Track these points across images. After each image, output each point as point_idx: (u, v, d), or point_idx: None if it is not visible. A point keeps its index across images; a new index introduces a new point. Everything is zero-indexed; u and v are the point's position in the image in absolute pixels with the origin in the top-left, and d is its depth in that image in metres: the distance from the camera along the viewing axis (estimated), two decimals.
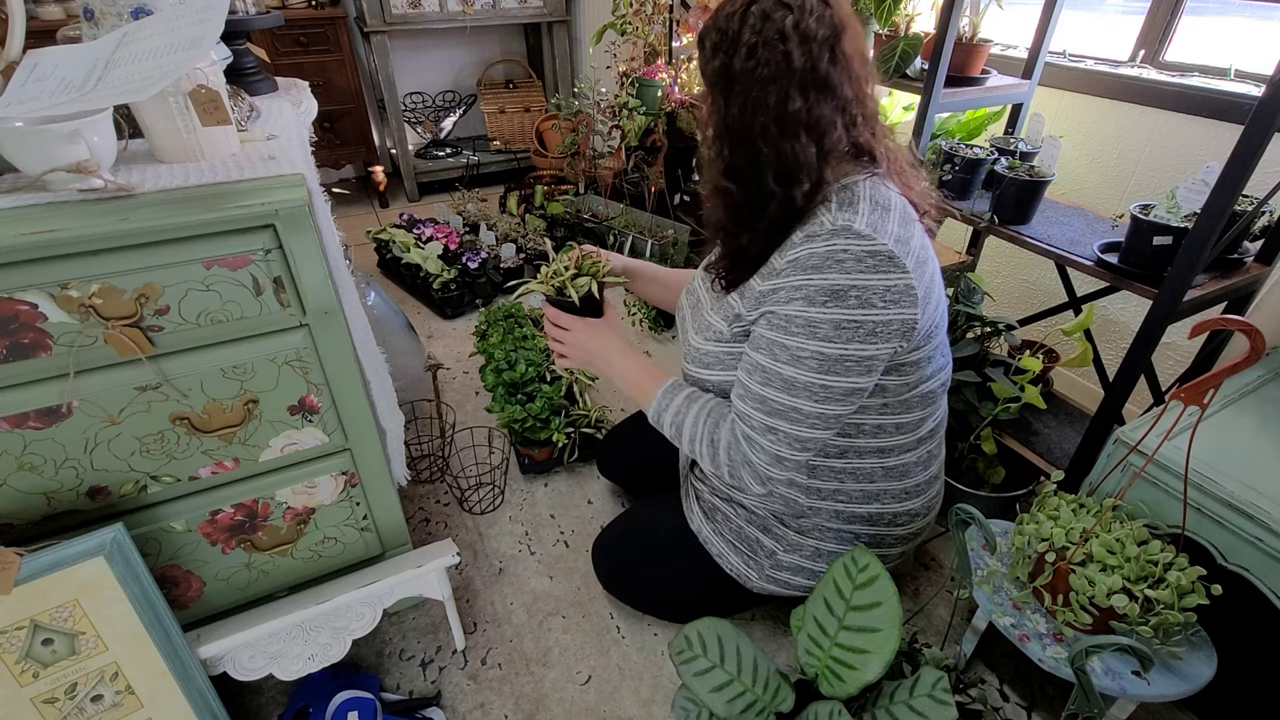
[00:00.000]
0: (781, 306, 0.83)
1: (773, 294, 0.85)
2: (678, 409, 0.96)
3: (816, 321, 0.80)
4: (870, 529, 1.03)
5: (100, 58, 0.74)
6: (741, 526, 1.07)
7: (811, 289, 0.80)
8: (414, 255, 2.28)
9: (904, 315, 0.81)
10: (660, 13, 2.51)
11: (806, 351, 0.81)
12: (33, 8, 2.24)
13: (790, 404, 0.84)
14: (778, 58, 0.76)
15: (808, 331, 0.81)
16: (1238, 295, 1.19)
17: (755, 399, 0.87)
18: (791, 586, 1.07)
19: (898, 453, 0.97)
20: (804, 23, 0.76)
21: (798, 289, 0.81)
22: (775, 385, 0.84)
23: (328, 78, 2.82)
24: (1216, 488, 0.92)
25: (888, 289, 0.79)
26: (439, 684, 1.16)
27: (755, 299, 0.88)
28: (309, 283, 0.82)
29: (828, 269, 0.79)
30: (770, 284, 0.85)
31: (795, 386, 0.83)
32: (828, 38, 0.77)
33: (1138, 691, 0.90)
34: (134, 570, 0.82)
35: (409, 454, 1.46)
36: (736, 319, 0.91)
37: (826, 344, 0.80)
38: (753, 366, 0.87)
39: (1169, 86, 1.43)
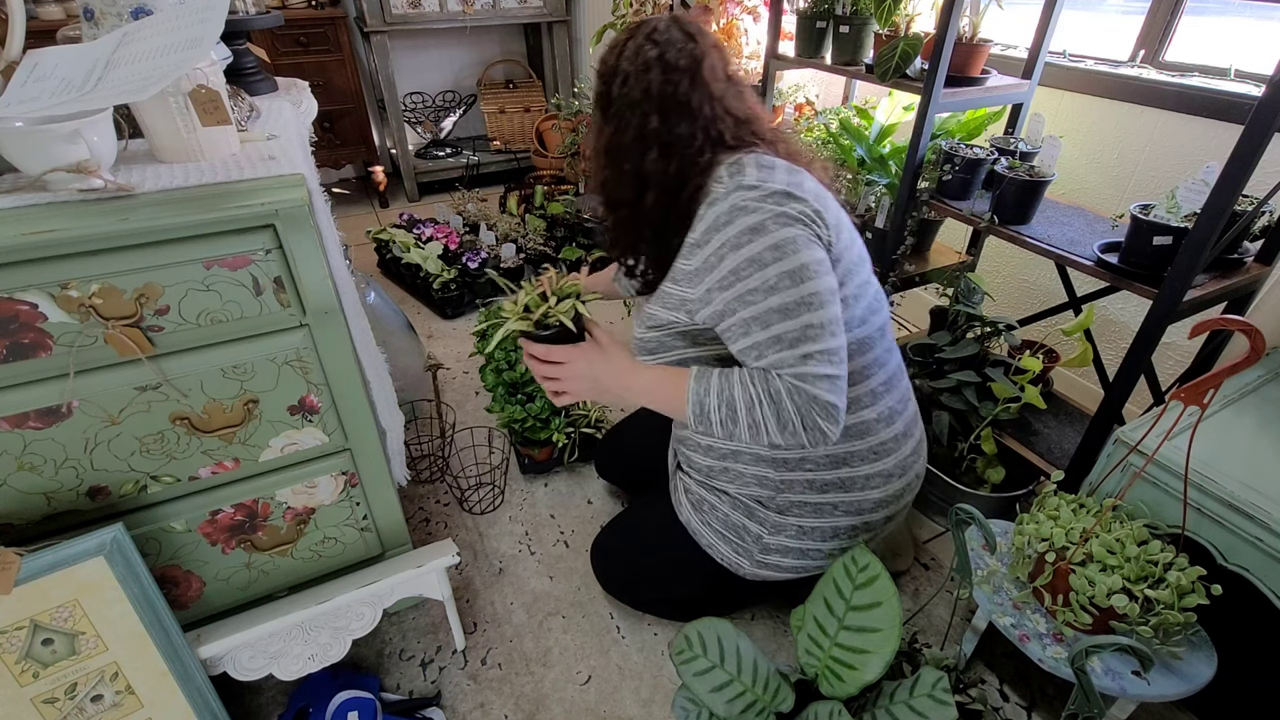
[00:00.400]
0: (718, 268, 0.89)
1: (703, 266, 0.91)
2: (719, 388, 0.90)
3: (756, 256, 0.86)
4: (846, 496, 1.03)
5: (100, 58, 0.74)
6: (727, 514, 1.08)
7: (731, 238, 0.87)
8: (414, 255, 2.28)
9: (819, 232, 0.88)
10: (660, 13, 2.51)
11: (772, 278, 0.85)
12: (33, 8, 2.24)
13: (801, 324, 0.85)
14: (643, 84, 0.90)
15: (757, 266, 0.86)
16: (1238, 295, 1.19)
17: (771, 343, 0.86)
18: (783, 569, 1.08)
19: (854, 409, 0.98)
20: (666, 54, 0.90)
21: (721, 245, 0.88)
22: (776, 320, 0.85)
23: (328, 78, 2.82)
24: (1216, 488, 0.92)
25: (798, 212, 0.87)
26: (439, 684, 1.16)
27: (688, 277, 0.94)
28: (309, 283, 0.82)
29: (736, 218, 0.87)
30: (696, 259, 0.92)
31: (790, 309, 0.85)
32: (688, 67, 0.90)
33: (1138, 691, 0.90)
34: (134, 570, 0.82)
35: (409, 454, 1.47)
36: (682, 302, 0.95)
37: (780, 263, 0.85)
38: (746, 322, 0.88)
39: (1169, 86, 1.43)
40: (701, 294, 0.92)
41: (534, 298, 0.99)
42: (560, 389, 1.01)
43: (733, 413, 0.88)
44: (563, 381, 1.00)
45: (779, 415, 0.86)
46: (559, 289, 1.00)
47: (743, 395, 0.88)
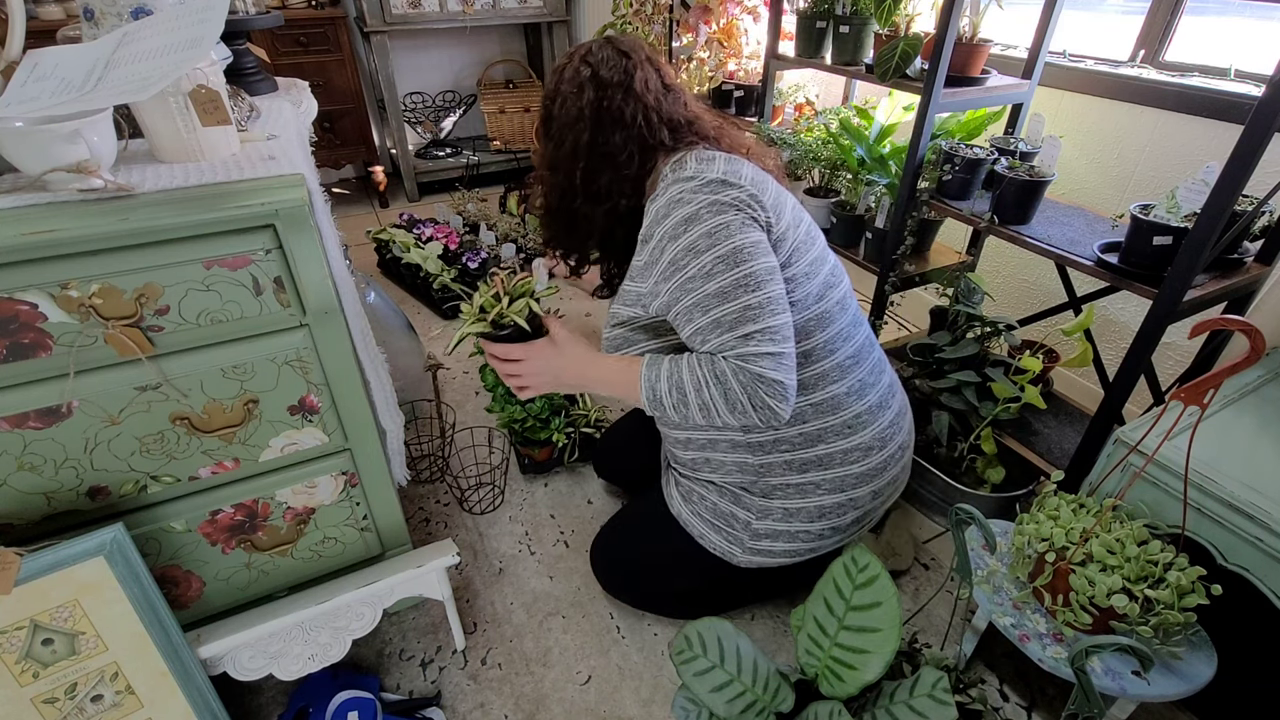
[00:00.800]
0: (661, 260, 0.93)
1: (650, 260, 0.95)
2: (669, 373, 0.93)
3: (692, 245, 0.89)
4: (826, 474, 1.03)
5: (100, 58, 0.74)
6: (715, 503, 1.09)
7: (669, 230, 0.91)
8: (414, 255, 2.28)
9: (755, 215, 0.91)
10: (660, 13, 2.52)
11: (708, 264, 0.88)
12: (33, 8, 2.24)
13: (740, 306, 0.87)
14: (579, 101, 0.97)
15: (693, 254, 0.89)
16: (1238, 295, 1.19)
17: (712, 327, 0.89)
18: (775, 554, 1.08)
19: (822, 385, 0.99)
20: (601, 72, 0.97)
21: (661, 239, 0.93)
22: (715, 304, 0.88)
23: (328, 78, 2.82)
24: (1216, 488, 0.92)
25: (732, 199, 0.90)
26: (439, 684, 1.16)
27: (640, 272, 0.98)
28: (309, 283, 0.82)
29: (674, 210, 0.91)
30: (644, 254, 0.97)
31: (727, 292, 0.87)
32: (620, 81, 0.97)
33: (1138, 691, 0.90)
34: (134, 570, 0.82)
35: (409, 454, 1.47)
36: (638, 297, 0.99)
37: (715, 249, 0.88)
38: (688, 310, 0.91)
39: (1169, 86, 1.43)
40: (650, 286, 0.96)
41: (488, 299, 1.02)
42: (522, 384, 1.04)
43: (683, 396, 0.91)
44: (523, 378, 1.04)
45: (726, 395, 0.88)
46: (512, 289, 1.04)
47: (690, 378, 0.90)
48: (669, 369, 0.93)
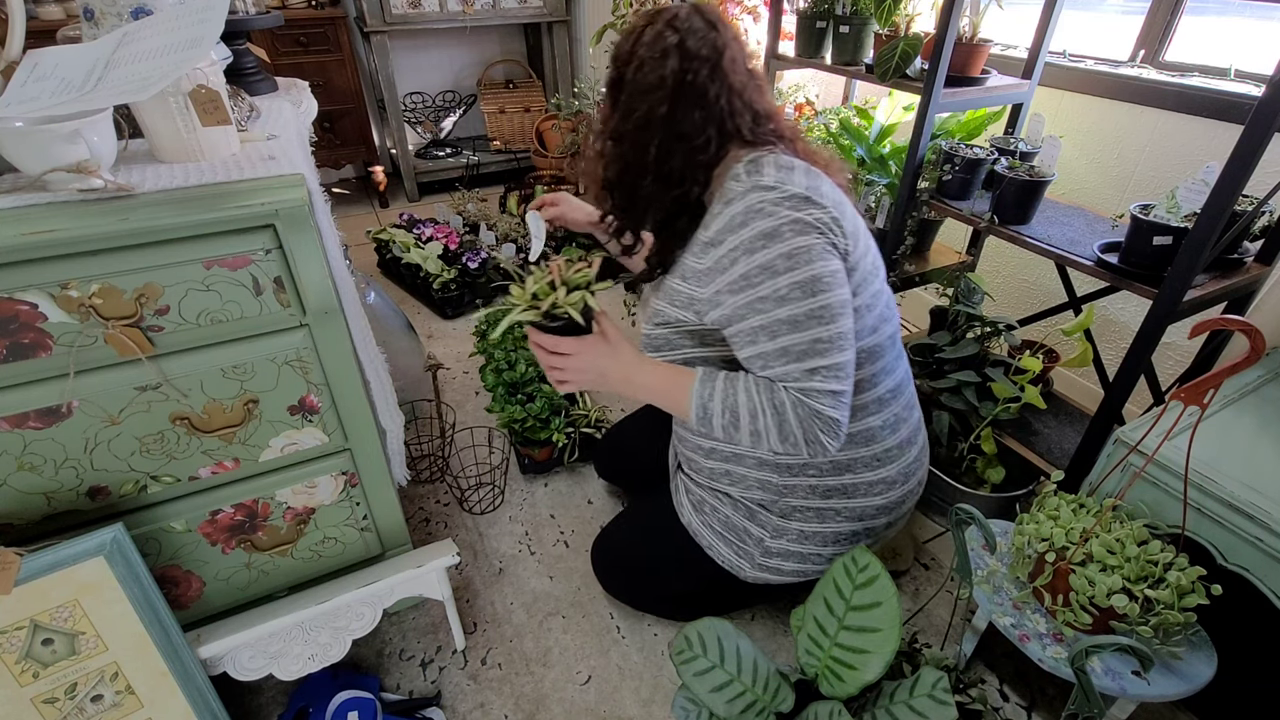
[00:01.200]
0: (730, 271, 0.87)
1: (715, 267, 0.90)
2: (724, 392, 0.89)
3: (769, 264, 0.84)
4: (848, 502, 1.03)
5: (100, 58, 0.74)
6: (729, 516, 1.08)
7: (744, 242, 0.86)
8: (414, 255, 2.28)
9: (835, 241, 0.86)
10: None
11: (784, 288, 0.84)
12: (33, 8, 2.24)
13: (809, 338, 0.84)
14: (660, 69, 0.87)
15: (769, 273, 0.84)
16: (1238, 295, 1.19)
17: (777, 355, 0.86)
18: (784, 573, 1.07)
19: (860, 416, 0.98)
20: (686, 42, 0.87)
21: (734, 249, 0.87)
22: (784, 331, 0.84)
23: (328, 78, 2.82)
24: (1216, 488, 0.92)
25: (815, 219, 0.85)
26: (439, 684, 1.16)
27: (699, 276, 0.93)
28: (309, 283, 0.82)
29: (752, 220, 0.85)
30: (708, 259, 0.91)
31: (799, 321, 0.84)
32: (708, 56, 0.88)
33: (1138, 691, 0.90)
34: (134, 570, 0.82)
35: (409, 454, 1.46)
36: (690, 301, 0.94)
37: (793, 273, 0.83)
38: (753, 330, 0.87)
39: (1169, 86, 1.43)
40: (711, 295, 0.91)
41: (543, 286, 0.94)
42: (564, 379, 0.98)
43: (735, 419, 0.88)
44: (567, 372, 0.96)
45: (781, 427, 0.86)
46: (569, 278, 0.95)
47: (746, 403, 0.87)
48: (724, 389, 0.89)
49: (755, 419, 0.87)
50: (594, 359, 0.95)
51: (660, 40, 0.88)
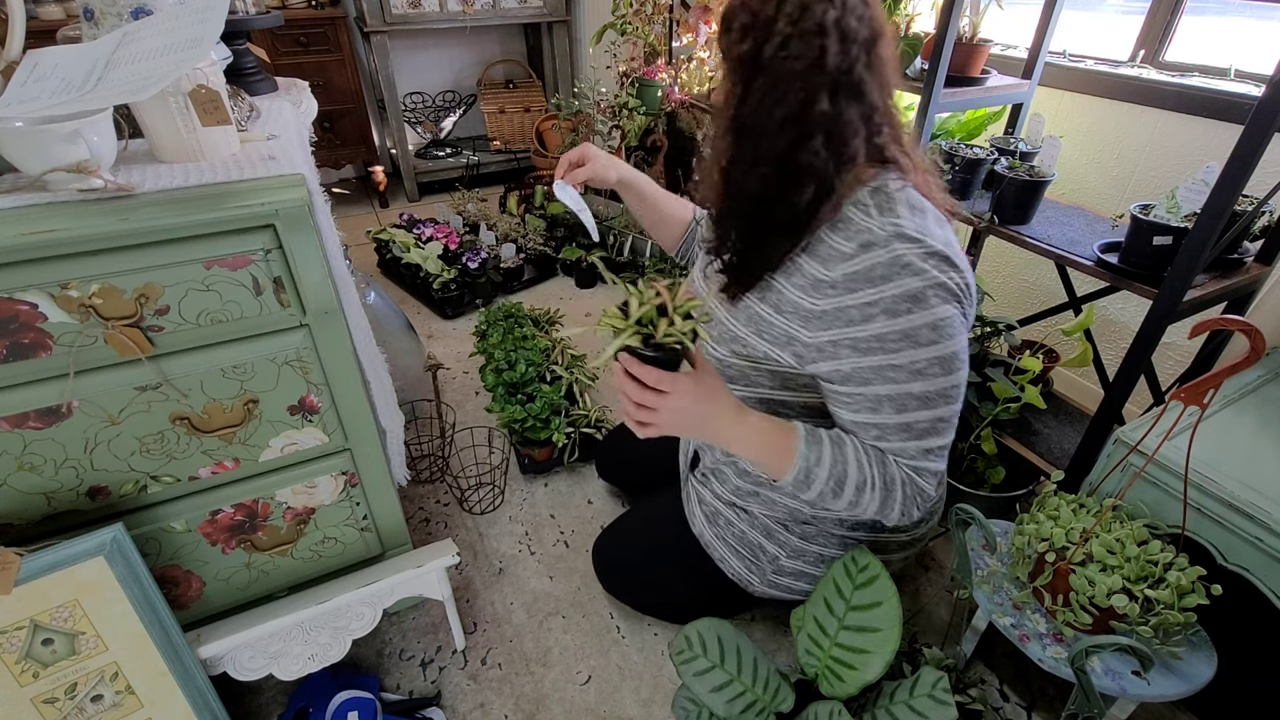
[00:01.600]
0: (860, 327, 0.78)
1: (839, 314, 0.79)
2: (832, 460, 0.81)
3: (912, 332, 0.76)
4: (873, 535, 1.03)
5: (100, 58, 0.74)
6: (744, 531, 1.06)
7: (888, 301, 0.76)
8: (414, 255, 2.28)
9: (968, 311, 0.80)
10: (660, 13, 2.52)
11: (922, 362, 0.76)
12: (33, 8, 2.24)
13: (933, 417, 0.79)
14: (813, 52, 0.71)
15: (910, 343, 0.76)
16: (1238, 295, 1.19)
17: (898, 429, 0.80)
18: (794, 591, 1.07)
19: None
20: (845, 20, 0.71)
21: (872, 304, 0.76)
22: (913, 407, 0.78)
23: (328, 78, 2.82)
24: (1216, 488, 0.92)
25: (956, 285, 0.77)
26: (439, 684, 1.16)
27: (808, 317, 0.82)
28: (309, 283, 0.82)
29: (897, 276, 0.75)
30: (826, 302, 0.80)
31: (931, 399, 0.78)
32: (867, 39, 0.73)
33: (1138, 691, 0.90)
34: (134, 570, 0.82)
35: (409, 454, 1.46)
36: (789, 340, 0.84)
37: (935, 347, 0.76)
38: (877, 399, 0.79)
39: (1169, 86, 1.43)
40: (822, 343, 0.81)
41: (650, 310, 0.77)
42: (654, 420, 0.79)
43: (838, 489, 0.81)
44: (659, 414, 0.78)
45: (885, 501, 0.82)
46: (680, 305, 0.77)
47: (856, 476, 0.80)
48: (833, 456, 0.80)
49: (861, 492, 0.81)
50: (694, 402, 0.78)
51: (810, 12, 0.71)
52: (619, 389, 0.79)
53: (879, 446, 0.82)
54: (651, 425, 0.80)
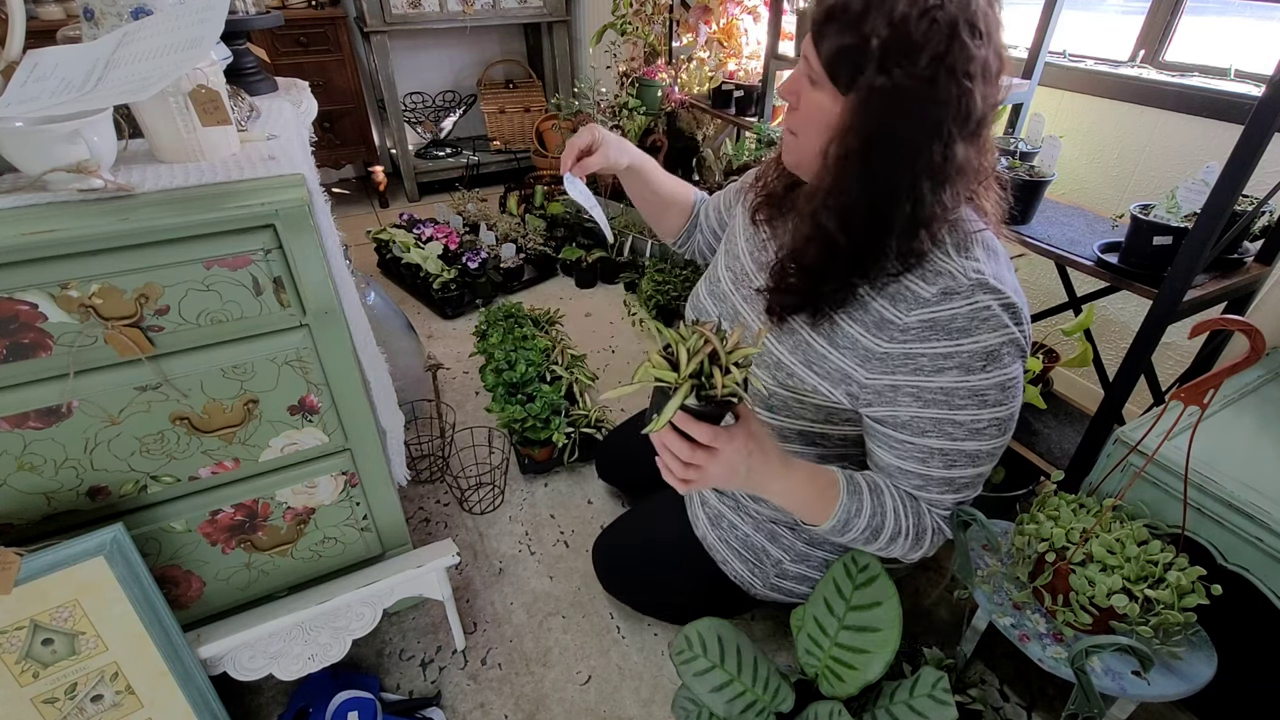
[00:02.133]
0: (930, 379, 0.74)
1: (906, 360, 0.75)
2: (871, 511, 0.80)
3: (981, 389, 0.73)
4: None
5: (100, 58, 0.74)
6: (748, 534, 1.06)
7: (964, 355, 0.72)
8: (414, 255, 2.28)
9: (1027, 364, 0.81)
10: (660, 13, 2.52)
11: (983, 422, 0.75)
12: (33, 8, 2.24)
13: (977, 474, 0.80)
14: (956, 90, 0.65)
15: (977, 402, 0.74)
16: (1238, 295, 1.19)
17: (942, 483, 0.80)
18: (796, 595, 1.06)
19: None
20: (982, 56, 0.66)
21: (947, 357, 0.73)
22: (961, 464, 0.78)
23: (328, 78, 2.82)
24: (1216, 488, 0.92)
25: (1023, 342, 0.75)
26: (439, 684, 1.16)
27: (868, 358, 0.78)
28: (309, 283, 0.82)
29: (976, 330, 0.72)
30: (898, 347, 0.75)
31: (980, 458, 0.78)
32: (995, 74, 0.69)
33: (1138, 691, 0.90)
34: (134, 570, 0.82)
35: (409, 454, 1.47)
36: (845, 378, 0.80)
37: (998, 408, 0.75)
38: (928, 451, 0.78)
39: (1169, 86, 1.43)
40: (882, 386, 0.77)
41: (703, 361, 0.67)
42: (697, 478, 0.72)
43: (873, 536, 0.81)
44: (707, 471, 0.71)
45: (913, 547, 0.83)
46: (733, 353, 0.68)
47: (892, 527, 0.80)
48: (872, 507, 0.80)
49: (894, 541, 0.81)
50: (743, 457, 0.72)
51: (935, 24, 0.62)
52: (663, 447, 0.72)
53: (914, 493, 0.82)
54: (694, 482, 0.73)
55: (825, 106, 0.71)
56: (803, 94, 0.74)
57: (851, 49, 0.66)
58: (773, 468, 0.75)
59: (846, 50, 0.66)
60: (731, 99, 2.25)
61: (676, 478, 0.73)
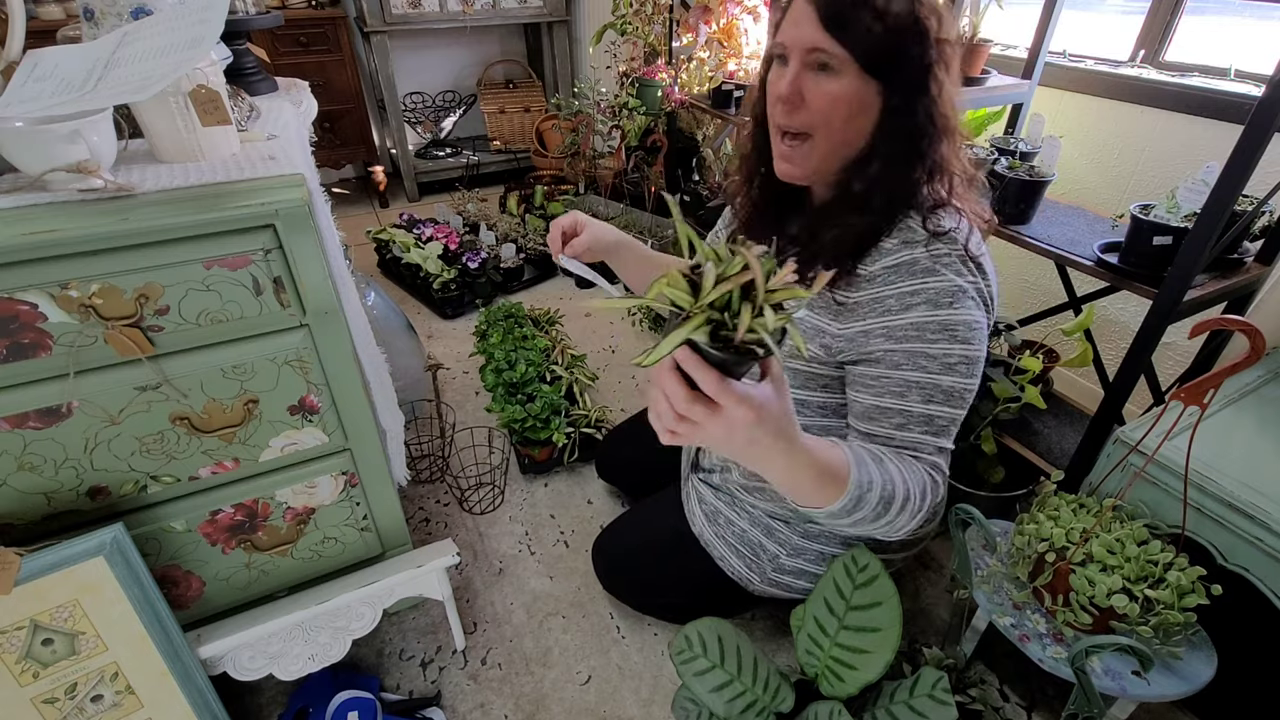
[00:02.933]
0: (899, 316, 0.77)
1: (874, 305, 0.79)
2: (881, 480, 0.72)
3: (950, 324, 0.76)
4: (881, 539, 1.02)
5: (100, 58, 0.74)
6: (745, 530, 1.06)
7: (930, 291, 0.76)
8: (414, 255, 2.28)
9: (989, 322, 0.80)
10: (660, 13, 2.52)
11: (954, 357, 0.76)
12: (33, 8, 2.24)
13: (951, 417, 0.79)
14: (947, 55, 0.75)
15: (947, 336, 0.76)
16: (1238, 295, 1.19)
17: (921, 421, 0.78)
18: (794, 590, 1.07)
19: None
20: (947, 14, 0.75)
21: (914, 294, 0.77)
22: (938, 400, 0.78)
23: (328, 78, 2.82)
24: (1216, 488, 0.92)
25: (987, 294, 0.79)
26: (439, 684, 1.16)
27: (839, 311, 0.82)
28: (309, 283, 0.82)
29: (938, 270, 0.77)
30: (865, 294, 0.80)
31: (953, 396, 0.78)
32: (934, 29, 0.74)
33: (1138, 691, 0.90)
34: (134, 570, 0.82)
35: (409, 454, 1.47)
36: (819, 333, 0.84)
37: (968, 346, 0.76)
38: (905, 385, 0.78)
39: (1169, 86, 1.43)
40: (854, 333, 0.81)
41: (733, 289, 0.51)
42: (686, 432, 0.57)
43: (885, 508, 0.72)
44: (703, 429, 0.56)
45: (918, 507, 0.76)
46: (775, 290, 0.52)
47: (903, 490, 0.73)
48: (880, 477, 0.72)
49: (905, 507, 0.74)
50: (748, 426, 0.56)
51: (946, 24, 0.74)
52: (656, 384, 0.57)
53: (896, 440, 0.79)
54: (685, 437, 0.58)
55: (850, 89, 0.75)
56: (808, 90, 0.76)
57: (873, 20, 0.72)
58: (780, 445, 0.61)
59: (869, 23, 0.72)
60: (731, 99, 2.25)
61: (663, 426, 0.58)
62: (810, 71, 0.76)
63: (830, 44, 0.73)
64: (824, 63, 0.74)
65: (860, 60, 0.73)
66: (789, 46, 0.76)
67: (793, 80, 0.76)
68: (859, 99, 0.75)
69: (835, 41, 0.72)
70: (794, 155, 0.81)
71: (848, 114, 0.76)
